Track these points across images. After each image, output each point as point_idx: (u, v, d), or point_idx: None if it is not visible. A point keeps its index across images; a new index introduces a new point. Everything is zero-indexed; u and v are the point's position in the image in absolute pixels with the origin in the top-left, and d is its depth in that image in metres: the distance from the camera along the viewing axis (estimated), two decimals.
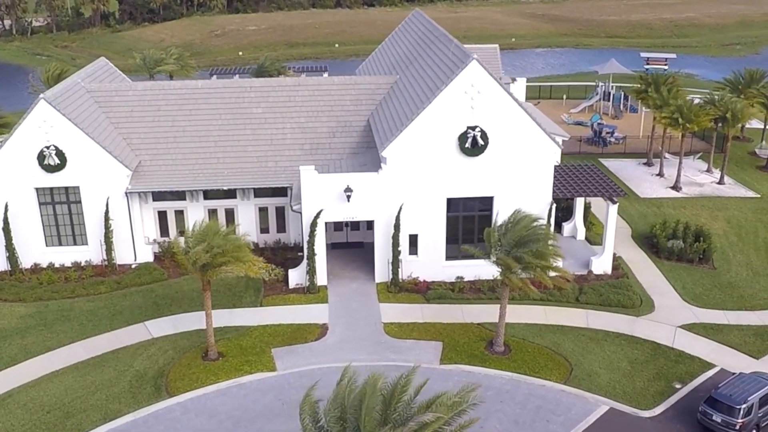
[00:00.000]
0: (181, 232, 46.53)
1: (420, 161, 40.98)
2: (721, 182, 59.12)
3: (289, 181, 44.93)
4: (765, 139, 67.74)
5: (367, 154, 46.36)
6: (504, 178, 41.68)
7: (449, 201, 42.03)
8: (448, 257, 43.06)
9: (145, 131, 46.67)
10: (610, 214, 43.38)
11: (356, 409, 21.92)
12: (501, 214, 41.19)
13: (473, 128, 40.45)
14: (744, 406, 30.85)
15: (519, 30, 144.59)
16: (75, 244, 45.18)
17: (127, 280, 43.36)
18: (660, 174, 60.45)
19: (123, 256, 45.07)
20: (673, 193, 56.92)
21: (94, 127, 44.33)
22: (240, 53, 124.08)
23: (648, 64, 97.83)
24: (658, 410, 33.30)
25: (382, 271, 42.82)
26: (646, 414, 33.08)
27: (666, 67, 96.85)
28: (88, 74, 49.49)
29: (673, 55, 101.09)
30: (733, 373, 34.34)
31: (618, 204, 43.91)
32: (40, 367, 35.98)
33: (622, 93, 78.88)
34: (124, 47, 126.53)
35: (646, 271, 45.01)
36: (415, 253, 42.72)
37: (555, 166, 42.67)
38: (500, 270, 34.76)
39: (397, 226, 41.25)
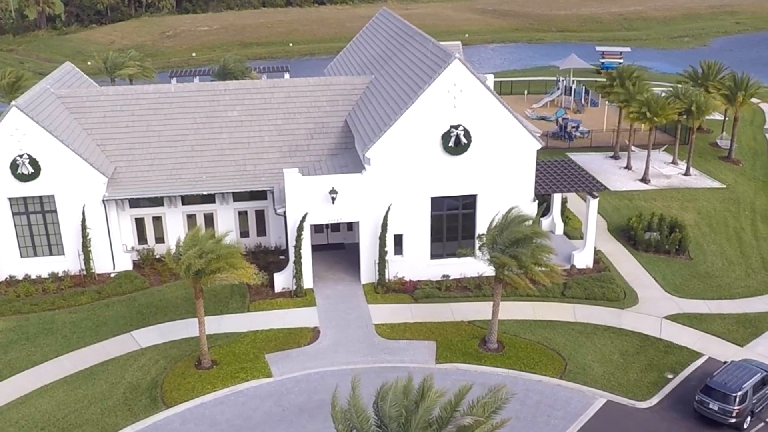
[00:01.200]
0: (159, 238, 45.92)
1: (404, 161, 40.97)
2: (687, 174, 60.39)
3: (269, 184, 44.50)
4: (725, 130, 69.38)
5: (346, 154, 46.18)
6: (487, 176, 41.92)
7: (433, 200, 42.12)
8: (433, 256, 43.17)
9: (119, 137, 45.72)
10: (591, 209, 43.97)
11: (401, 412, 21.70)
12: (484, 211, 41.82)
13: (456, 127, 40.59)
14: (739, 393, 31.60)
15: (471, 26, 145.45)
16: (51, 254, 44.04)
17: (108, 290, 42.44)
18: (628, 167, 61.48)
19: (101, 265, 44.11)
20: (643, 186, 57.95)
21: (68, 134, 43.27)
22: (193, 54, 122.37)
23: (603, 57, 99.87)
24: (654, 400, 33.94)
25: (368, 272, 42.72)
26: (643, 405, 33.67)
27: (621, 61, 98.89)
28: (56, 80, 48.24)
29: (628, 49, 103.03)
30: (722, 362, 35.17)
31: (597, 198, 44.47)
32: (27, 382, 35.03)
33: (584, 87, 79.95)
34: (73, 50, 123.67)
35: (625, 263, 45.76)
36: (401, 253, 42.72)
37: None
38: (495, 268, 34.94)
39: (384, 227, 41.19)
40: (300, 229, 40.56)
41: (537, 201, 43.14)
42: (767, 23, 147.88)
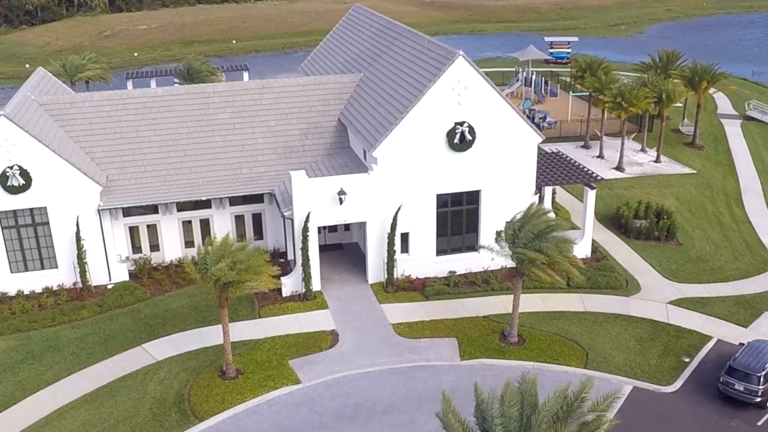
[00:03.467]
0: (154, 246, 44.76)
1: (410, 160, 40.90)
2: (658, 161, 62.05)
3: (268, 186, 43.82)
4: (687, 117, 71.50)
5: (343, 154, 45.81)
6: (490, 171, 42.22)
7: (438, 197, 42.20)
8: (438, 252, 43.27)
9: (108, 144, 44.24)
10: (589, 199, 44.79)
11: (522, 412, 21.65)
12: (488, 206, 42.23)
13: (461, 124, 40.73)
14: (763, 373, 32.74)
15: (411, 18, 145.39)
16: (43, 268, 42.39)
17: (110, 302, 41.13)
18: (600, 156, 62.77)
19: (97, 276, 42.69)
20: (618, 174, 59.27)
21: (58, 142, 41.68)
22: (135, 54, 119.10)
23: (552, 48, 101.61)
24: (678, 384, 34.89)
25: (375, 272, 42.55)
26: (668, 389, 34.57)
27: (569, 50, 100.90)
28: (34, 87, 46.35)
29: (575, 38, 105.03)
30: (738, 344, 36.37)
31: (595, 189, 45.33)
32: (44, 403, 33.69)
33: (543, 78, 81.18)
34: (6, 53, 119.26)
35: (621, 252, 46.78)
36: (407, 251, 42.67)
37: None
38: (519, 263, 35.22)
39: (393, 226, 41.05)
40: (305, 231, 40.05)
41: (538, 194, 43.68)
42: (696, 10, 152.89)
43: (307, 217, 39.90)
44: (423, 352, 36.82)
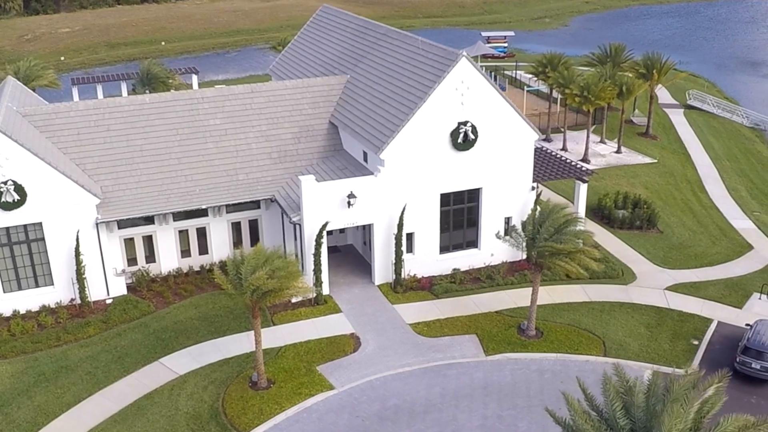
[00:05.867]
0: (149, 257, 43.68)
1: (415, 160, 41.23)
2: (618, 151, 64.29)
3: (267, 192, 43.36)
4: (637, 108, 74.21)
5: (338, 157, 45.73)
6: (490, 169, 42.98)
7: (442, 196, 42.69)
8: (441, 250, 43.78)
9: (99, 154, 42.80)
10: (581, 192, 46.17)
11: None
12: (488, 203, 43.07)
13: (464, 123, 41.30)
14: None
15: None
16: (38, 286, 40.73)
17: (114, 318, 39.90)
18: (564, 149, 64.55)
19: (95, 291, 41.34)
20: (585, 166, 60.86)
21: (51, 155, 40.07)
22: (62, 58, 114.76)
23: (489, 42, 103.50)
24: (695, 366, 36.26)
25: (382, 273, 42.72)
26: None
27: (506, 45, 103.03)
28: (12, 97, 44.31)
29: (512, 33, 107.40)
30: (745, 325, 38.38)
31: (586, 183, 46.75)
32: (72, 427, 32.47)
33: (492, 73, 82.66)
34: None
35: (609, 242, 48.38)
36: (411, 251, 43.00)
37: None
38: (540, 257, 36.07)
39: (400, 226, 41.27)
40: (319, 236, 39.89)
41: (534, 189, 44.74)
42: (613, 2, 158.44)
43: (324, 224, 39.72)
44: (447, 350, 37.26)
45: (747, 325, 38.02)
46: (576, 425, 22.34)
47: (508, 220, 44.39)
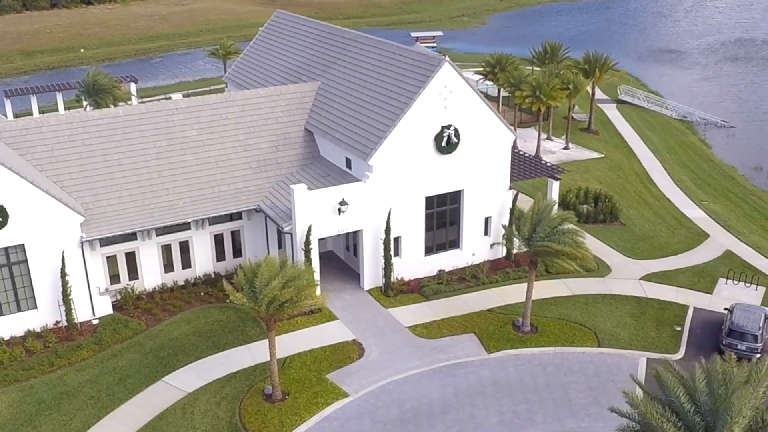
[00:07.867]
0: (132, 274, 42.77)
1: (401, 165, 41.84)
2: (567, 148, 66.56)
3: (251, 203, 43.11)
4: (577, 104, 76.86)
5: (318, 164, 45.84)
6: (471, 171, 44.00)
7: (427, 199, 43.44)
8: (427, 252, 44.56)
9: (76, 171, 41.59)
10: (553, 190, 47.78)
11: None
12: (469, 204, 44.10)
13: (447, 127, 42.17)
14: (760, 332, 36.97)
15: (258, 18, 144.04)
16: (20, 310, 39.33)
17: (107, 339, 38.93)
18: (514, 147, 66.11)
19: (81, 312, 40.21)
20: (550, 163, 62.84)
21: (30, 174, 38.73)
22: None
23: (418, 42, 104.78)
24: (683, 351, 38.43)
25: (371, 278, 43.15)
26: (677, 356, 37.97)
27: (435, 45, 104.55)
28: None
29: (440, 33, 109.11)
30: (710, 310, 41.07)
31: (558, 181, 48.41)
32: None
33: None
34: None
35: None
36: (398, 255, 43.60)
37: None
38: (539, 256, 37.31)
39: (387, 231, 41.79)
40: (308, 243, 40.00)
41: (511, 189, 46.05)
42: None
43: (309, 228, 39.89)
44: (449, 351, 38.05)
45: (725, 309, 40.29)
46: (644, 418, 23.36)
47: (487, 220, 45.55)
